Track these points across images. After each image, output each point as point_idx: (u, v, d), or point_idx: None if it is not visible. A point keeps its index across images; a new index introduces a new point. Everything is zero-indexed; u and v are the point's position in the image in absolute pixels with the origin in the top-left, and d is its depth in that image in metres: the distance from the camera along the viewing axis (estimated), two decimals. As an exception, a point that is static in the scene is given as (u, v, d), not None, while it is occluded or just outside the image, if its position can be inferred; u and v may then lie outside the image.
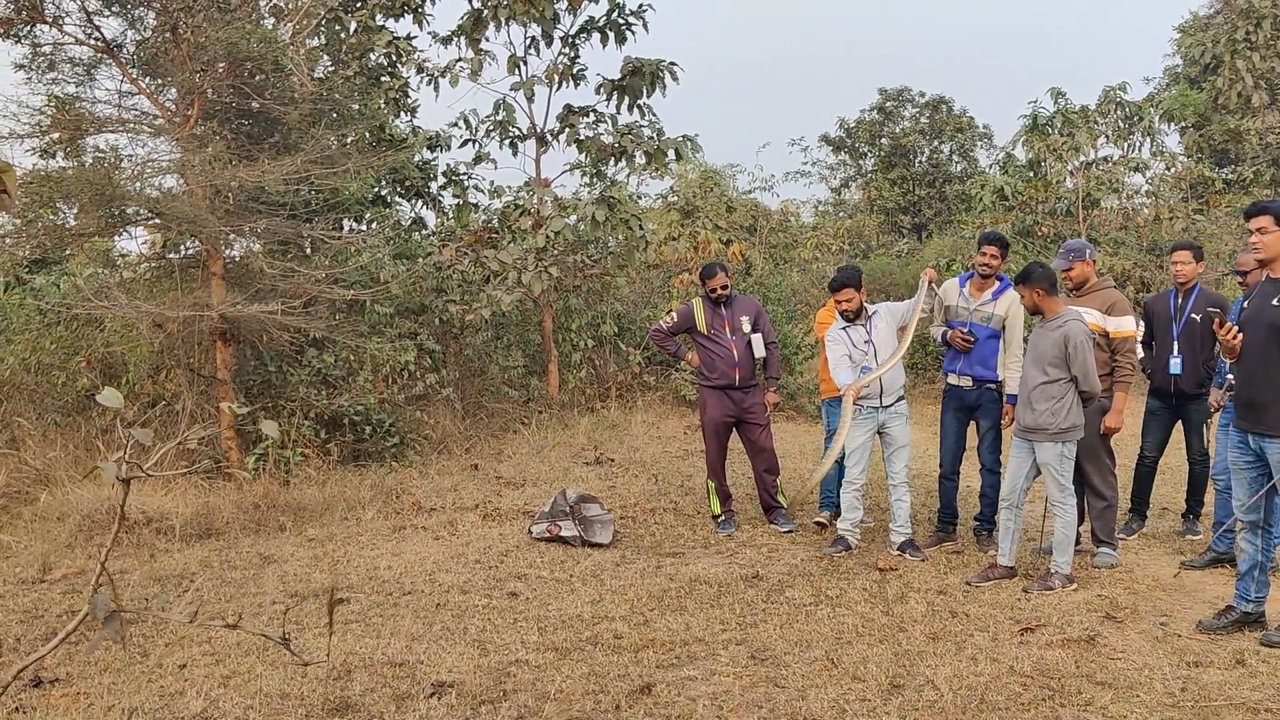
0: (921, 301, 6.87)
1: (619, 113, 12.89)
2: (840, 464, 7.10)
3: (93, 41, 8.36)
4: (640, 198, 18.50)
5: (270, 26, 9.89)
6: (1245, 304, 5.17)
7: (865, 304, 6.91)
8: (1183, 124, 23.95)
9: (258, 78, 8.86)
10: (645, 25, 12.68)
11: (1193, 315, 6.88)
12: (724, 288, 7.55)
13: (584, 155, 13.18)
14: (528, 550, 6.99)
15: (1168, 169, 19.41)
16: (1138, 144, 19.30)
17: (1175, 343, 6.92)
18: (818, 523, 7.57)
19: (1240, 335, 5.00)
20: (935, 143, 32.97)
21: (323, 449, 9.28)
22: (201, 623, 3.36)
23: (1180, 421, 7.17)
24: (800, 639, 5.11)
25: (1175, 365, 6.90)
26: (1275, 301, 4.90)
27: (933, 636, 5.12)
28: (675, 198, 18.63)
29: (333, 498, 8.30)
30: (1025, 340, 6.45)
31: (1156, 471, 7.36)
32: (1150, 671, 4.60)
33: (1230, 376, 5.96)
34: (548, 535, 7.15)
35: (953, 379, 7.01)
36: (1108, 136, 18.74)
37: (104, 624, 1.89)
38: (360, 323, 9.99)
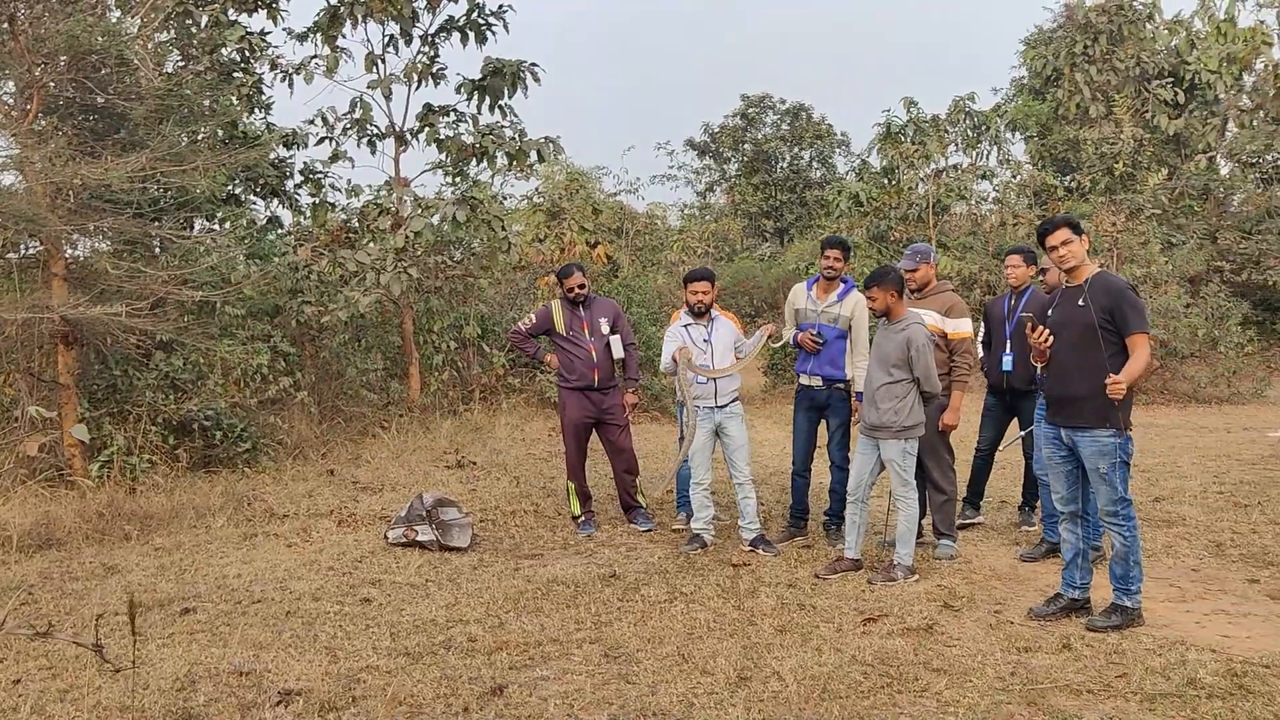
0: (753, 347, 7.12)
1: (480, 113, 12.84)
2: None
3: (-80, 31, 7.96)
4: (505, 199, 18.45)
5: (115, 19, 9.55)
6: (1051, 311, 5.47)
7: (713, 309, 7.09)
8: (1027, 133, 25.03)
9: (102, 72, 8.56)
10: (505, 26, 12.67)
11: (1023, 315, 7.23)
12: (581, 288, 7.62)
13: (444, 155, 13.07)
14: (383, 556, 6.92)
15: (1013, 176, 20.28)
16: (985, 152, 20.15)
17: (1008, 342, 7.25)
18: (675, 530, 7.64)
19: (1050, 339, 5.31)
20: (796, 149, 33.77)
21: (171, 455, 9.00)
22: (10, 630, 3.24)
23: (1015, 417, 7.51)
24: (653, 636, 5.19)
25: (1008, 363, 7.23)
26: (1081, 303, 5.21)
27: (781, 629, 5.27)
28: (541, 199, 18.65)
29: (181, 505, 8.06)
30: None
31: (991, 464, 7.70)
32: (983, 657, 4.82)
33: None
34: (404, 540, 7.08)
35: (804, 379, 7.22)
36: (957, 144, 19.48)
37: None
38: (211, 325, 9.73)
